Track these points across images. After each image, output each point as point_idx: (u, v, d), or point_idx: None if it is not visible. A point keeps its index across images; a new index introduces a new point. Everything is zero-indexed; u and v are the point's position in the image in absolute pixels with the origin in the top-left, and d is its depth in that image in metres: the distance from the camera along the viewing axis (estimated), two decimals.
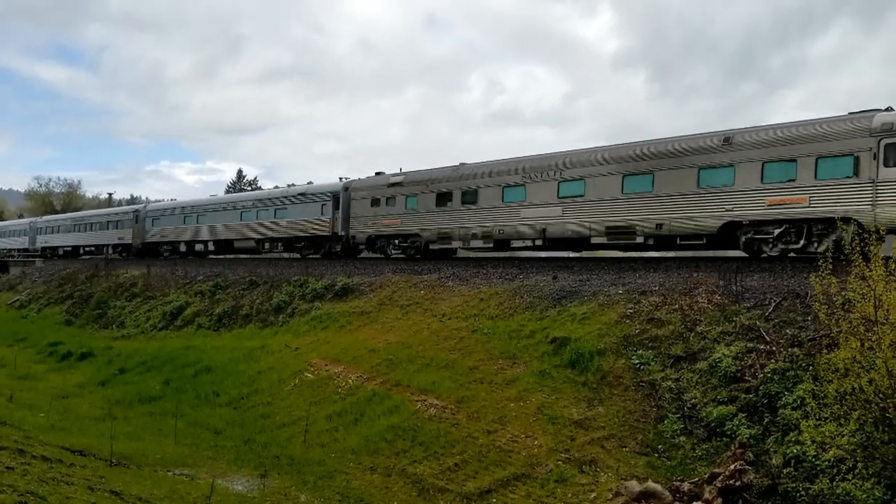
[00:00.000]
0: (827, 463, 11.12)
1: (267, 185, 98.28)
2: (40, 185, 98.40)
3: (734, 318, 15.77)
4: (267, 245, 38.17)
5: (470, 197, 26.84)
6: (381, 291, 25.73)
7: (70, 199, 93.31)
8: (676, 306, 17.11)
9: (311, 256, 35.12)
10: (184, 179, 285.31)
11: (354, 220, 32.14)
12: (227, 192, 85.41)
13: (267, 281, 31.45)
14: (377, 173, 32.87)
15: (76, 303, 41.27)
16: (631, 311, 17.72)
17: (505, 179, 25.54)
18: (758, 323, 15.25)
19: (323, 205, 33.99)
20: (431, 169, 29.83)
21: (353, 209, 32.33)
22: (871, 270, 11.28)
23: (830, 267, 11.87)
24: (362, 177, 33.82)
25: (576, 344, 16.60)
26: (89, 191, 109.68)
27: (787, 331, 14.69)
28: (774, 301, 15.90)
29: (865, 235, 11.91)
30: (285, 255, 37.31)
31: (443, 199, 27.95)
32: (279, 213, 37.00)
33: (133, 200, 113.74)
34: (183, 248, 45.88)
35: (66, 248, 61.09)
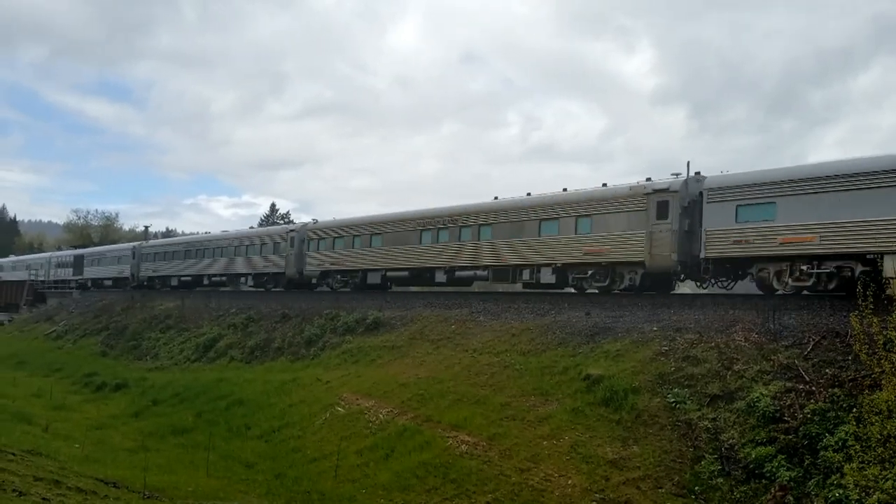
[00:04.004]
0: None
1: (303, 218, 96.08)
2: (79, 218, 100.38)
3: (772, 357, 15.49)
4: None
5: None
6: (412, 326, 25.74)
7: (107, 232, 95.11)
8: (713, 344, 16.86)
9: None
10: (220, 213, 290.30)
11: None
12: (261, 225, 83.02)
13: (299, 314, 31.64)
14: None
15: (111, 334, 41.94)
16: (666, 348, 17.50)
17: None
18: (796, 362, 14.96)
19: None
20: None
21: None
22: None
23: (871, 306, 11.67)
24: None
25: (609, 381, 16.41)
26: (126, 223, 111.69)
27: (827, 370, 14.39)
28: (813, 340, 15.60)
29: None
30: None
31: None
32: None
33: (169, 233, 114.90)
34: None
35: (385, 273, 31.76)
